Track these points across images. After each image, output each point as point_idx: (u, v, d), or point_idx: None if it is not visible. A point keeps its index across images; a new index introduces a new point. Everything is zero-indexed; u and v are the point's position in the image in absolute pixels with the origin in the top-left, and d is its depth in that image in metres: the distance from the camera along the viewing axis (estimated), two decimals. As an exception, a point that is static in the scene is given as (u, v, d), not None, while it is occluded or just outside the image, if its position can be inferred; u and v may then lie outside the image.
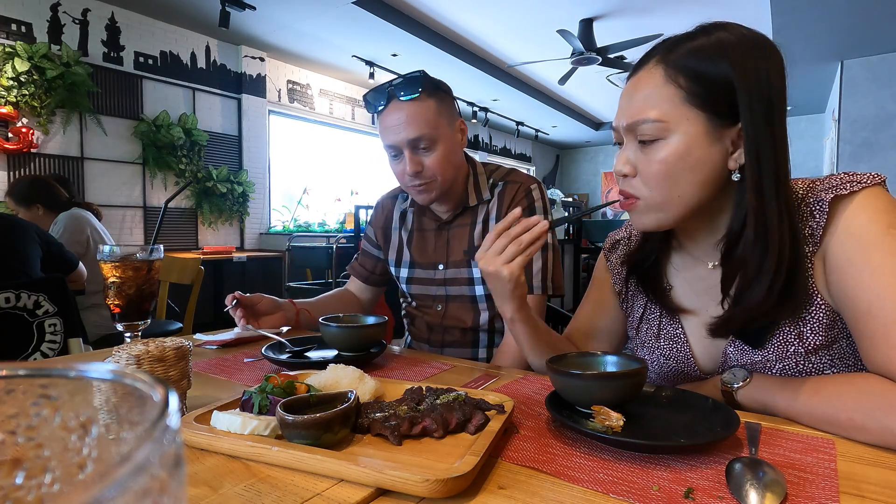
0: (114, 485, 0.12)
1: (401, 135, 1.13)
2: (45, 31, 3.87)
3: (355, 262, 1.47)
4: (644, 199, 0.75)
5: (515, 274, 0.80)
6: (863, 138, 5.10)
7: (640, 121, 0.72)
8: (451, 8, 4.64)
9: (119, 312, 0.83)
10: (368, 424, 0.62)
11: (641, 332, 0.94)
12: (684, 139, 0.71)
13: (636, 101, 0.73)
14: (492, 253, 0.82)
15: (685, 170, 0.71)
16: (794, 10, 4.06)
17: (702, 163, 0.71)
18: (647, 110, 0.72)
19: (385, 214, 1.41)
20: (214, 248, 4.78)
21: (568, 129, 9.28)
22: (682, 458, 0.57)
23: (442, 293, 1.30)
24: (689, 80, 0.70)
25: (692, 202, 0.74)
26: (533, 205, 1.23)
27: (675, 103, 0.71)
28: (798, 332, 0.74)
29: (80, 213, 2.56)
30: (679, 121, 0.70)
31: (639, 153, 0.74)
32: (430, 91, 1.15)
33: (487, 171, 1.30)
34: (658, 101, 0.71)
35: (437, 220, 1.30)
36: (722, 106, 0.70)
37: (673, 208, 0.74)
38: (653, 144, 0.72)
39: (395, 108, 1.13)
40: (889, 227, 0.67)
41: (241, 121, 5.24)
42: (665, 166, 0.72)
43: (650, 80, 0.73)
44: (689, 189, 0.73)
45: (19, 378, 0.20)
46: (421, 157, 1.15)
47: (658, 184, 0.73)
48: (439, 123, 1.15)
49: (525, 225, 0.81)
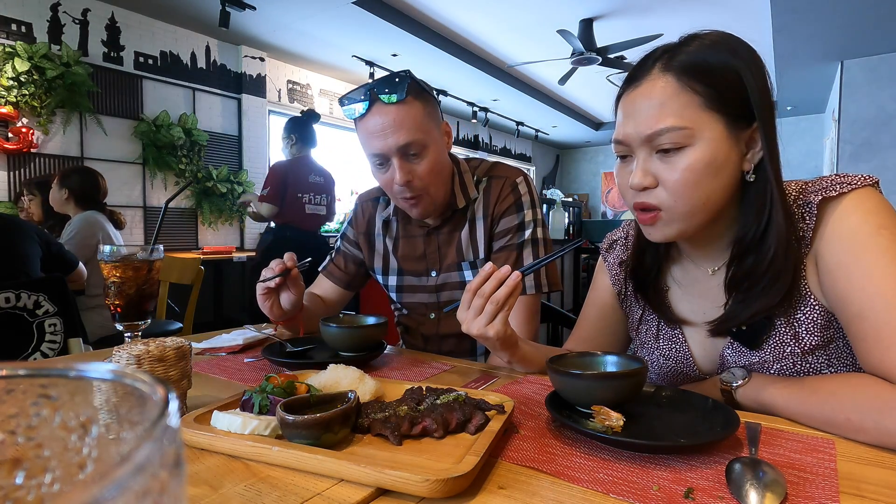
0: (114, 485, 0.12)
1: (388, 141, 1.04)
2: (45, 31, 3.87)
3: (331, 265, 1.36)
4: (667, 210, 0.73)
5: (501, 332, 0.80)
6: (863, 138, 5.10)
7: (662, 130, 0.70)
8: (451, 8, 4.64)
9: (119, 312, 0.83)
10: (368, 424, 0.62)
11: (641, 333, 0.94)
12: (709, 144, 0.70)
13: (651, 111, 0.71)
14: (471, 315, 0.81)
15: (710, 175, 0.71)
16: (794, 10, 4.06)
17: (725, 166, 0.72)
18: (667, 119, 0.70)
19: (366, 219, 1.32)
20: (214, 248, 4.78)
21: (568, 129, 9.28)
22: (682, 458, 0.57)
23: (434, 300, 1.25)
24: (705, 86, 0.70)
25: (715, 208, 0.74)
26: (520, 199, 1.17)
27: (696, 109, 0.70)
28: (794, 333, 0.74)
29: (95, 216, 2.53)
30: (702, 126, 0.70)
31: (658, 163, 0.73)
32: (417, 93, 1.06)
33: (471, 168, 1.24)
34: (677, 108, 0.70)
35: (424, 226, 1.23)
36: (738, 108, 0.71)
37: (697, 216, 0.74)
38: (677, 153, 0.71)
39: (381, 112, 1.04)
40: (879, 228, 0.67)
41: (241, 121, 5.24)
42: (692, 174, 0.71)
43: (663, 90, 0.71)
44: (713, 194, 0.72)
45: (19, 378, 0.20)
46: (411, 165, 1.07)
47: (685, 192, 0.72)
48: (429, 127, 1.08)
49: (498, 279, 0.80)
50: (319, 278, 1.38)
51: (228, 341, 1.13)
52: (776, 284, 0.72)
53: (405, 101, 1.04)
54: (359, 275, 1.36)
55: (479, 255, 1.20)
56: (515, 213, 1.17)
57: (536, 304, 1.19)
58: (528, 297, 1.16)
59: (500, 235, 1.18)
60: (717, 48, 0.72)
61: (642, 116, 0.72)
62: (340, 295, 1.36)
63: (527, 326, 1.15)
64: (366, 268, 1.35)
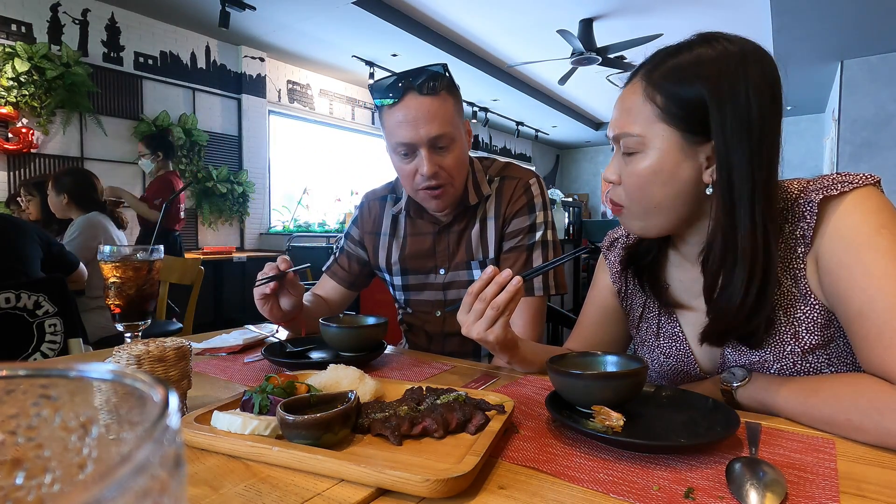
0: (114, 485, 0.12)
1: (421, 132, 1.05)
2: (45, 32, 3.87)
3: (335, 265, 1.35)
4: (626, 208, 0.80)
5: (500, 337, 0.81)
6: (863, 138, 5.10)
7: (623, 134, 0.76)
8: (451, 8, 4.64)
9: (119, 313, 0.83)
10: (369, 424, 0.62)
11: (641, 331, 0.94)
12: (658, 154, 0.74)
13: (622, 114, 0.77)
14: (472, 319, 0.82)
15: (658, 183, 0.75)
16: (794, 10, 4.06)
17: (674, 177, 0.74)
18: (629, 125, 0.75)
19: (373, 218, 1.31)
20: (214, 249, 4.78)
21: (568, 129, 9.28)
22: (682, 458, 0.57)
23: (441, 298, 1.24)
24: (665, 99, 0.72)
25: (670, 214, 0.77)
26: (532, 201, 1.19)
27: (652, 120, 0.73)
28: (794, 332, 0.74)
29: (98, 218, 2.53)
30: (653, 137, 0.73)
31: (623, 164, 0.78)
32: (450, 88, 1.09)
33: (484, 167, 1.25)
34: (637, 116, 0.75)
35: (435, 224, 1.22)
36: (696, 124, 0.71)
37: (652, 218, 0.78)
38: (633, 157, 0.76)
39: (415, 103, 1.05)
40: (880, 228, 0.67)
41: (241, 121, 5.24)
42: (640, 179, 0.75)
43: (633, 96, 0.76)
44: (664, 202, 0.76)
45: (19, 378, 0.20)
46: (439, 157, 1.08)
47: (634, 194, 0.77)
48: (457, 123, 1.10)
49: (499, 285, 0.80)
50: (323, 278, 1.37)
51: (228, 341, 1.13)
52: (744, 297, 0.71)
53: (439, 95, 1.06)
54: (362, 274, 1.35)
55: (488, 255, 1.20)
56: (527, 215, 1.18)
57: (543, 306, 1.19)
58: (534, 299, 1.16)
59: (511, 236, 1.18)
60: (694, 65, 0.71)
61: (615, 117, 0.79)
62: (344, 295, 1.35)
63: (532, 328, 1.15)
64: (370, 267, 1.34)
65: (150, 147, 3.76)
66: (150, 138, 3.91)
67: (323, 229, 5.60)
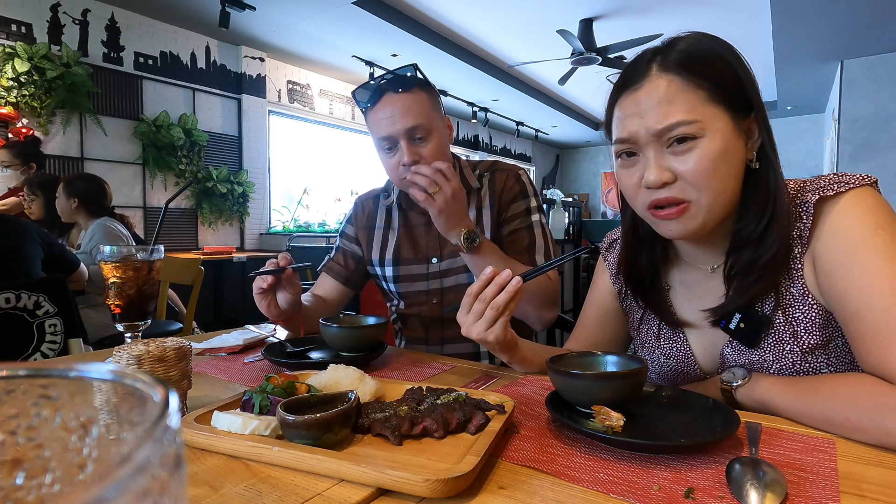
0: (114, 485, 0.12)
1: (397, 125, 1.12)
2: (45, 32, 3.87)
3: (332, 263, 1.38)
4: (695, 202, 0.73)
5: (500, 337, 0.81)
6: (863, 138, 5.10)
7: (674, 124, 0.70)
8: (450, 8, 4.64)
9: (119, 313, 0.83)
10: (369, 424, 0.62)
11: (642, 333, 0.94)
12: (719, 135, 0.71)
13: (660, 109, 0.71)
14: (471, 319, 0.82)
15: (726, 164, 0.72)
16: (794, 10, 4.06)
17: (735, 156, 0.73)
18: (677, 114, 0.70)
19: (366, 214, 1.38)
20: (214, 249, 4.77)
21: (568, 129, 9.28)
22: (682, 458, 0.57)
23: (437, 286, 1.29)
24: (707, 80, 0.71)
25: (732, 197, 0.75)
26: (525, 188, 1.29)
27: (702, 103, 0.71)
28: (792, 332, 0.74)
29: (113, 224, 2.53)
30: (710, 119, 0.71)
31: (671, 159, 0.73)
32: (422, 85, 1.16)
33: (471, 165, 1.33)
34: (685, 104, 0.71)
35: (425, 214, 1.27)
36: (738, 99, 0.73)
37: (718, 206, 0.74)
38: (692, 143, 0.71)
39: (390, 101, 1.13)
40: (876, 228, 0.67)
41: (241, 121, 5.24)
42: (710, 163, 0.71)
43: (668, 87, 0.72)
44: (729, 183, 0.74)
45: (20, 378, 0.20)
46: (417, 147, 1.14)
47: (706, 182, 0.71)
48: (433, 116, 1.16)
49: (498, 285, 0.80)
50: (320, 277, 1.40)
51: (228, 342, 1.13)
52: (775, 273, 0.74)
53: (412, 90, 1.14)
54: (358, 271, 1.38)
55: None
56: (522, 200, 1.29)
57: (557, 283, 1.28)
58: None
59: (511, 219, 1.27)
60: (705, 45, 0.74)
61: (651, 114, 0.72)
62: (341, 293, 1.38)
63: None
64: (364, 264, 1.38)
65: (22, 157, 3.18)
66: (23, 147, 3.31)
67: (323, 229, 5.60)
